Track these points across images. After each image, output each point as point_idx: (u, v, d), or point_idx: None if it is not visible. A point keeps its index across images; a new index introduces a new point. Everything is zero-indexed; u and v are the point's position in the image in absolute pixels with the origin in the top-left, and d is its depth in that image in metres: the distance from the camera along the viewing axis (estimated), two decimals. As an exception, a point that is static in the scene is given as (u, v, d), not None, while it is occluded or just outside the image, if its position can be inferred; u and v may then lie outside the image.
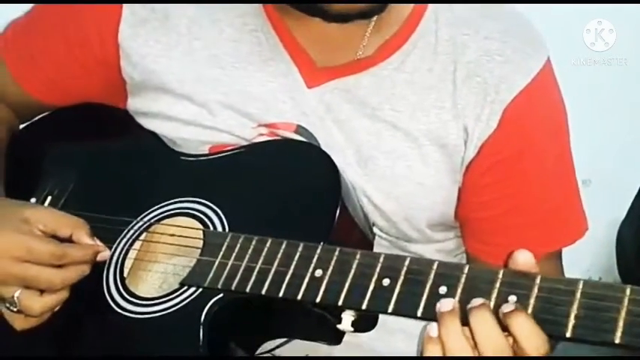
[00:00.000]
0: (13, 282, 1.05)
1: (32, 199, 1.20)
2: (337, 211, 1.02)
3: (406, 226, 1.16)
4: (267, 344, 1.11)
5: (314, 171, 1.08)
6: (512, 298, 0.86)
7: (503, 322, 0.85)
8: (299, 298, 0.96)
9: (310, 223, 1.04)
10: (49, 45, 1.25)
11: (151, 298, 1.06)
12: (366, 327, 0.99)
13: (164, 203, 1.13)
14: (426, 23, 1.14)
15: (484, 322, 0.85)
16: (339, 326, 0.96)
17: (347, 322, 0.95)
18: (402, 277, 0.92)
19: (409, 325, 1.00)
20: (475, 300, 0.87)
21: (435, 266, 0.92)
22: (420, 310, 0.90)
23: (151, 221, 1.13)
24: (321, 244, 0.98)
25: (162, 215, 1.13)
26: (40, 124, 1.31)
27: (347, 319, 0.95)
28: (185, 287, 1.04)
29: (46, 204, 1.19)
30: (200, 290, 1.03)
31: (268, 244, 1.01)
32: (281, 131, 1.15)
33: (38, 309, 1.05)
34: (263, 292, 0.98)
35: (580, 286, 0.84)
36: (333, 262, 0.96)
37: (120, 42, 1.19)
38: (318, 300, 0.95)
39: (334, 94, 1.14)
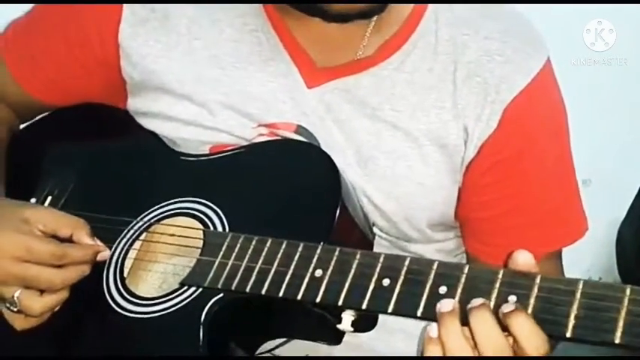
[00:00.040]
0: (13, 282, 1.05)
1: (32, 199, 1.20)
2: (337, 211, 1.02)
3: (406, 226, 1.16)
4: (267, 344, 1.11)
5: (314, 171, 1.08)
6: (512, 298, 0.86)
7: (503, 322, 0.85)
8: (299, 298, 0.96)
9: (310, 223, 1.04)
10: (50, 45, 1.25)
11: (150, 298, 1.06)
12: (366, 327, 0.99)
13: (164, 203, 1.13)
14: (426, 23, 1.14)
15: (484, 322, 0.85)
16: (339, 326, 0.96)
17: (347, 322, 0.95)
18: (402, 277, 0.92)
19: (409, 325, 1.00)
20: (475, 300, 0.87)
21: (435, 266, 0.92)
22: (420, 310, 0.90)
23: (151, 221, 1.13)
24: (321, 244, 0.98)
25: (162, 215, 1.13)
26: (40, 124, 1.31)
27: (347, 319, 0.95)
28: (185, 287, 1.04)
29: (46, 204, 1.19)
30: (200, 290, 1.03)
31: (268, 244, 1.01)
32: (281, 131, 1.15)
33: (38, 309, 1.06)
34: (263, 292, 0.98)
35: (580, 286, 0.84)
36: (333, 262, 0.96)
37: (120, 42, 1.19)
38: (318, 300, 0.95)
39: (334, 94, 1.14)
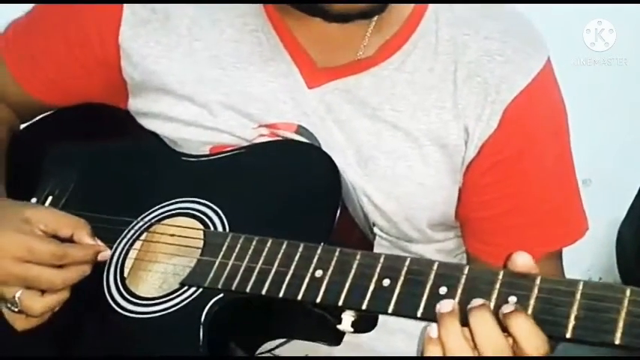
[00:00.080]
0: (14, 282, 1.05)
1: (33, 199, 1.20)
2: (338, 211, 1.02)
3: (407, 226, 1.16)
4: (267, 344, 1.11)
5: (314, 171, 1.08)
6: (512, 298, 0.86)
7: (503, 323, 0.85)
8: (299, 298, 0.96)
9: (310, 223, 1.04)
10: (50, 45, 1.25)
11: (151, 298, 1.06)
12: (366, 327, 0.99)
13: (165, 203, 1.13)
14: (427, 23, 1.14)
15: (484, 323, 0.85)
16: (339, 327, 0.96)
17: (347, 323, 0.95)
18: (402, 277, 0.92)
19: (409, 325, 1.00)
20: (475, 300, 0.87)
21: (435, 267, 0.92)
22: (420, 310, 0.90)
23: (152, 221, 1.13)
24: (322, 244, 0.98)
25: (162, 215, 1.13)
26: (40, 124, 1.31)
27: (347, 320, 0.95)
28: (185, 287, 1.04)
29: (46, 204, 1.19)
30: (200, 290, 1.03)
31: (269, 245, 1.01)
32: (282, 131, 1.15)
33: (39, 309, 1.05)
34: (263, 293, 0.98)
35: (580, 287, 0.84)
36: (333, 263, 0.96)
37: (120, 42, 1.19)
38: (318, 300, 0.95)
39: (335, 94, 1.14)
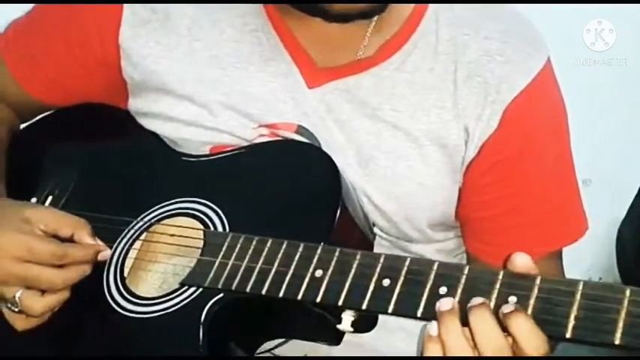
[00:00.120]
0: (14, 282, 1.05)
1: (33, 199, 1.20)
2: (338, 211, 1.02)
3: (407, 226, 1.16)
4: (267, 343, 1.11)
5: (314, 171, 1.08)
6: (512, 298, 0.86)
7: (503, 323, 0.85)
8: (299, 298, 0.96)
9: (311, 223, 1.04)
10: (50, 45, 1.25)
11: (150, 298, 1.06)
12: (365, 327, 0.99)
13: (165, 203, 1.13)
14: (427, 23, 1.14)
15: (484, 322, 0.85)
16: (339, 326, 0.95)
17: (347, 323, 0.95)
18: (402, 277, 0.92)
19: (409, 323, 1.00)
20: (475, 299, 0.87)
21: (435, 267, 0.92)
22: (420, 310, 0.90)
23: (152, 221, 1.13)
24: (322, 244, 0.98)
25: (162, 215, 1.13)
26: (41, 124, 1.31)
27: (347, 320, 0.95)
28: (185, 287, 1.04)
29: (46, 204, 1.19)
30: (200, 290, 1.03)
31: (269, 245, 1.01)
32: (282, 131, 1.15)
33: (39, 309, 1.05)
34: (263, 292, 0.98)
35: (580, 287, 0.84)
36: (333, 263, 0.96)
37: (120, 42, 1.19)
38: (318, 300, 0.95)
39: (335, 94, 1.14)
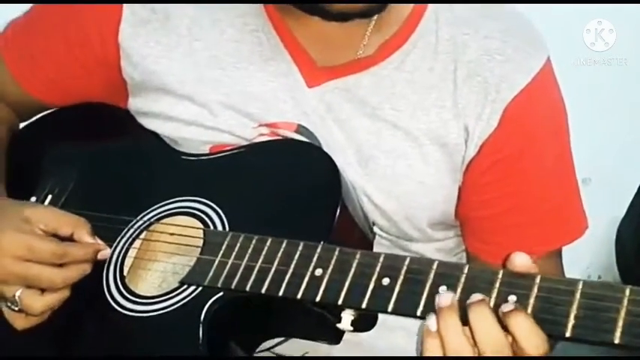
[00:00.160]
0: (14, 281, 1.05)
1: (32, 198, 1.20)
2: (337, 210, 1.02)
3: (407, 225, 1.16)
4: (267, 342, 1.12)
5: (314, 170, 1.08)
6: (512, 297, 0.86)
7: (503, 322, 0.85)
8: (299, 297, 0.96)
9: (310, 222, 1.04)
10: (50, 45, 1.25)
11: (150, 297, 1.06)
12: (365, 326, 0.99)
13: (164, 202, 1.13)
14: (427, 23, 1.14)
15: (484, 319, 0.85)
16: (338, 325, 0.95)
17: (347, 321, 0.95)
18: (401, 276, 0.92)
19: (409, 322, 1.00)
20: (474, 295, 0.87)
21: (435, 266, 0.92)
22: (419, 309, 0.90)
23: (151, 220, 1.13)
24: (321, 243, 0.98)
25: (162, 214, 1.13)
26: (40, 123, 1.31)
27: (347, 318, 0.95)
28: (185, 286, 1.04)
29: (46, 203, 1.19)
30: (200, 289, 1.03)
31: (268, 243, 1.01)
32: (282, 131, 1.15)
33: (39, 308, 1.05)
34: (263, 291, 0.98)
35: (580, 286, 0.84)
36: (333, 262, 0.96)
37: (120, 42, 1.19)
38: (318, 299, 0.95)
39: (335, 93, 1.14)
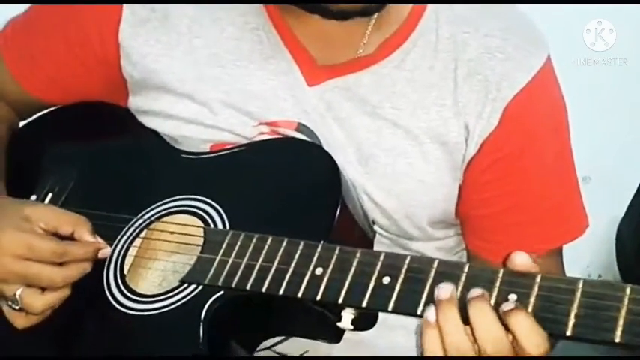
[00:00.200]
0: (14, 280, 1.05)
1: (33, 197, 1.19)
2: (338, 209, 1.02)
3: (407, 223, 1.16)
4: (267, 340, 1.12)
5: (314, 169, 1.08)
6: (513, 296, 0.86)
7: (504, 320, 0.85)
8: (299, 295, 0.96)
9: (311, 221, 1.04)
10: (50, 45, 1.24)
11: (150, 296, 1.06)
12: (365, 325, 0.99)
13: (165, 201, 1.13)
14: (427, 21, 1.14)
15: (483, 315, 0.85)
16: (339, 324, 0.96)
17: (347, 320, 0.95)
18: (402, 275, 0.92)
19: (410, 321, 1.00)
20: (474, 290, 0.86)
21: (436, 264, 0.92)
22: (420, 308, 0.90)
23: (152, 219, 1.13)
24: (322, 242, 0.98)
25: (162, 213, 1.13)
26: (40, 121, 1.31)
27: (347, 317, 0.95)
28: (185, 285, 1.04)
29: (46, 201, 1.19)
30: (200, 288, 1.03)
31: (269, 242, 1.01)
32: (282, 129, 1.15)
33: (40, 307, 1.05)
34: (263, 290, 0.98)
35: (580, 285, 0.84)
36: (333, 260, 0.96)
37: (120, 41, 1.19)
38: (318, 298, 0.95)
39: (335, 92, 1.14)
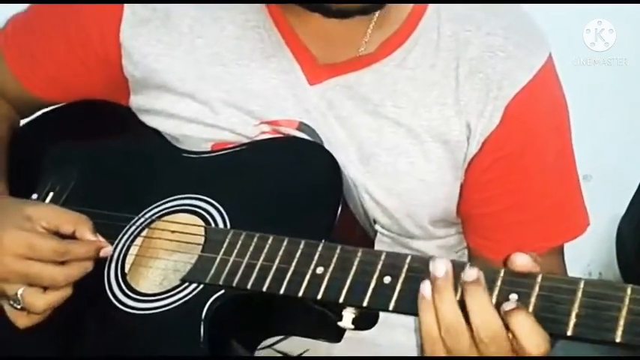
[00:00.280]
0: (16, 279, 1.05)
1: (34, 196, 1.19)
2: (339, 208, 1.02)
3: (408, 222, 1.16)
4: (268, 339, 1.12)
5: (315, 168, 1.08)
6: (514, 296, 0.86)
7: (505, 320, 0.85)
8: (300, 295, 0.96)
9: (312, 220, 1.04)
10: (51, 45, 1.24)
11: (151, 295, 1.06)
12: (366, 325, 0.99)
13: (166, 200, 1.13)
14: (428, 19, 1.14)
15: (478, 297, 0.85)
16: (339, 324, 0.96)
17: (348, 320, 0.95)
18: (403, 274, 0.92)
19: (410, 319, 1.00)
20: (469, 273, 0.86)
21: (436, 264, 0.92)
22: (420, 307, 0.90)
23: (153, 218, 1.13)
24: (323, 241, 0.98)
25: (163, 212, 1.13)
26: (41, 120, 1.31)
27: (348, 317, 0.95)
28: (186, 284, 1.04)
29: (47, 200, 1.19)
30: (201, 287, 1.03)
31: (270, 241, 1.01)
32: (283, 128, 1.15)
33: (41, 306, 1.05)
34: (264, 289, 0.98)
35: (581, 285, 0.84)
36: (334, 260, 0.96)
37: (121, 41, 1.19)
38: (319, 297, 0.95)
39: (336, 90, 1.14)
